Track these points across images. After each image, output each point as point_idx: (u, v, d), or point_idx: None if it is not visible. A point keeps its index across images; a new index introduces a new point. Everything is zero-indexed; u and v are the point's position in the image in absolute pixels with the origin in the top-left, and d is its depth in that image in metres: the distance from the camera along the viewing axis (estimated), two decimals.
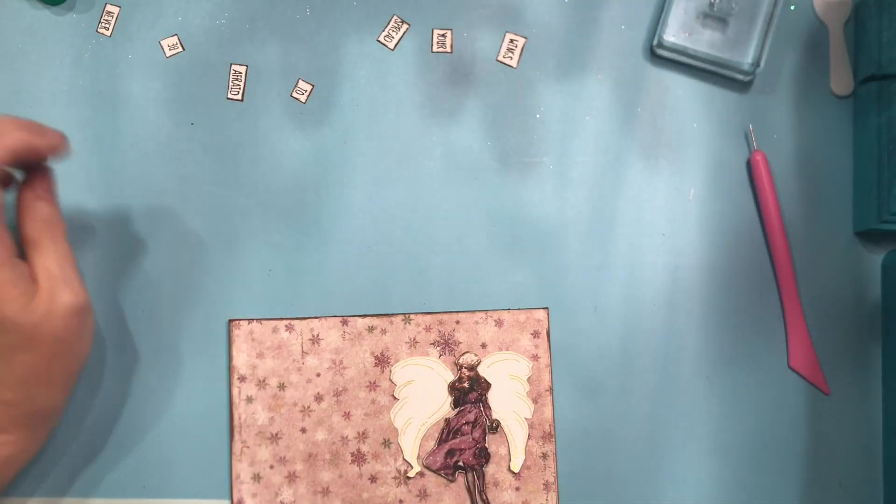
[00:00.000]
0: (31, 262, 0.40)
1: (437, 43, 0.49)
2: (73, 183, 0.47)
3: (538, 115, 0.48)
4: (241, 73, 0.47)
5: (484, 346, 0.47)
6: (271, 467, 0.46)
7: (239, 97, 0.48)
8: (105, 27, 0.48)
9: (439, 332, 0.47)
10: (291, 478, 0.46)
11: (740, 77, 0.48)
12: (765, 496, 0.46)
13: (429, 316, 0.47)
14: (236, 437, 0.46)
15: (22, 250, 0.40)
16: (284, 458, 0.46)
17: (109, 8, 0.48)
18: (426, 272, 0.47)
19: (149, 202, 0.47)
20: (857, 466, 0.46)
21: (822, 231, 0.48)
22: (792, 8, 0.49)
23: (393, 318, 0.47)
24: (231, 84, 0.48)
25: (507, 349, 0.47)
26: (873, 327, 0.47)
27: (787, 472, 0.46)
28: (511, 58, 0.49)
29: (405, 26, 0.49)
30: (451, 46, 0.49)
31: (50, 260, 0.40)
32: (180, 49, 0.48)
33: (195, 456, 0.46)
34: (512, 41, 0.49)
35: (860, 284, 0.47)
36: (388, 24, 0.49)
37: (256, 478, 0.46)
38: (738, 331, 0.47)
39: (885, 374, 0.47)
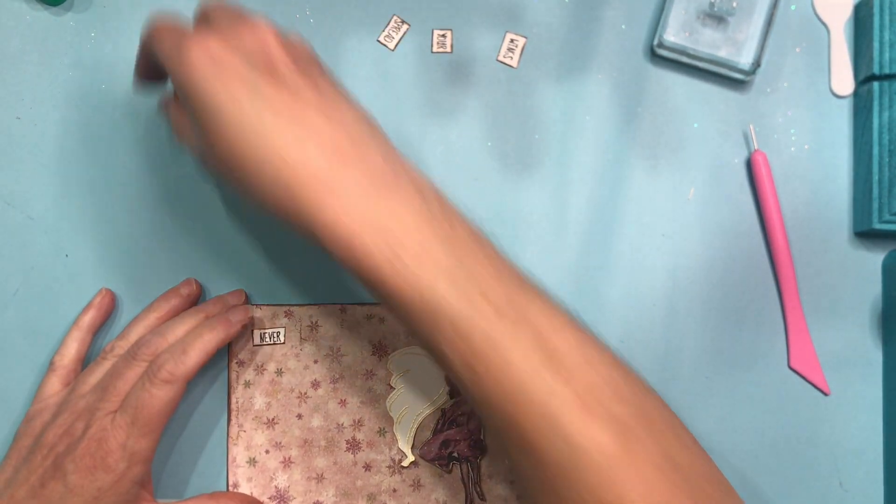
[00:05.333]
0: None
1: (437, 43, 0.49)
2: (74, 183, 0.47)
3: (538, 116, 0.48)
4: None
5: None
6: (267, 452, 0.46)
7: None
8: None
9: None
10: (286, 463, 0.46)
11: (740, 77, 0.48)
12: (765, 496, 0.46)
13: None
14: (233, 420, 0.46)
15: None
16: (280, 443, 0.46)
17: None
18: None
19: (149, 202, 0.47)
20: (857, 466, 0.46)
21: (822, 231, 0.48)
22: (792, 8, 0.49)
23: None
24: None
25: None
26: (873, 327, 0.47)
27: (787, 472, 0.46)
28: (511, 58, 0.49)
29: (405, 26, 0.49)
30: (451, 46, 0.49)
31: None
32: None
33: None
34: (512, 41, 0.49)
35: (860, 284, 0.47)
36: (388, 24, 0.49)
37: (252, 462, 0.46)
38: (738, 331, 0.47)
39: (885, 374, 0.47)
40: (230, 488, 0.46)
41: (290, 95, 0.35)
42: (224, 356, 0.47)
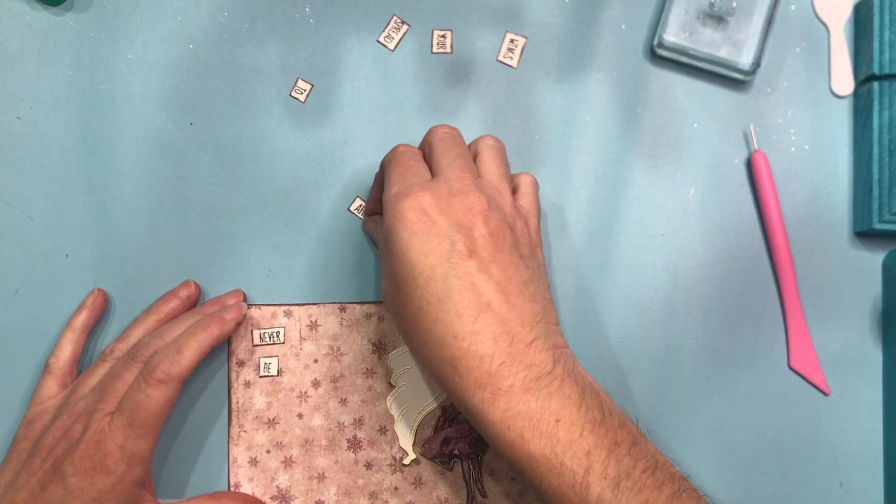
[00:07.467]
0: None
1: (437, 43, 0.49)
2: (74, 183, 0.47)
3: (538, 116, 0.48)
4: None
5: None
6: (268, 452, 0.46)
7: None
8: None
9: None
10: (288, 463, 0.46)
11: (740, 77, 0.48)
12: (765, 496, 0.46)
13: None
14: (234, 421, 0.46)
15: None
16: (281, 443, 0.46)
17: None
18: None
19: (149, 202, 0.47)
20: (857, 466, 0.46)
21: (822, 231, 0.48)
22: (792, 8, 0.49)
23: None
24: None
25: None
26: (873, 327, 0.47)
27: (787, 472, 0.46)
28: (511, 58, 0.49)
29: (405, 27, 0.49)
30: (451, 47, 0.49)
31: None
32: None
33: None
34: (512, 41, 0.49)
35: (860, 284, 0.47)
36: (388, 24, 0.49)
37: (253, 462, 0.46)
38: (738, 331, 0.47)
39: (885, 374, 0.47)
40: (232, 488, 0.46)
41: (479, 269, 0.37)
42: (224, 356, 0.47)
